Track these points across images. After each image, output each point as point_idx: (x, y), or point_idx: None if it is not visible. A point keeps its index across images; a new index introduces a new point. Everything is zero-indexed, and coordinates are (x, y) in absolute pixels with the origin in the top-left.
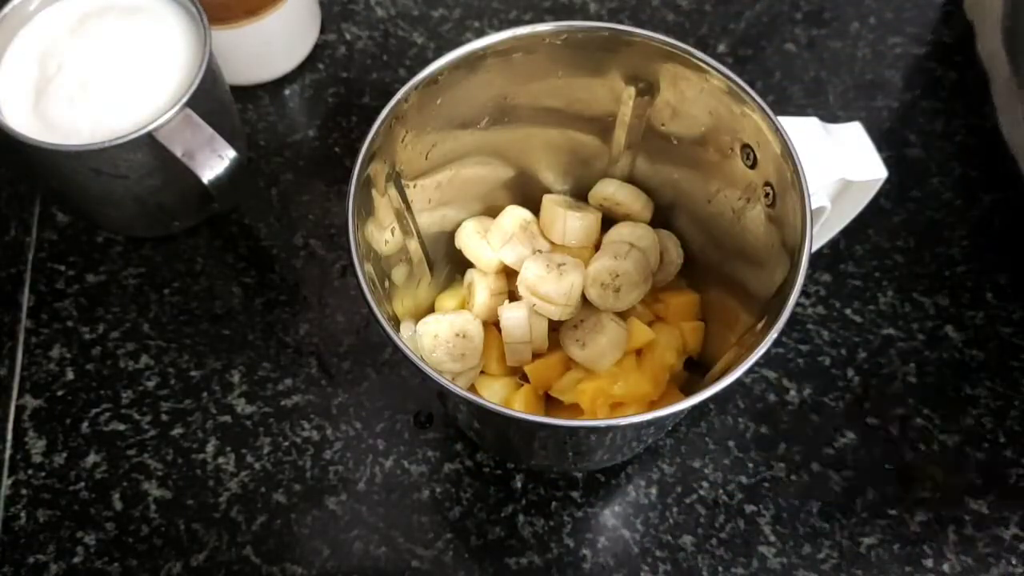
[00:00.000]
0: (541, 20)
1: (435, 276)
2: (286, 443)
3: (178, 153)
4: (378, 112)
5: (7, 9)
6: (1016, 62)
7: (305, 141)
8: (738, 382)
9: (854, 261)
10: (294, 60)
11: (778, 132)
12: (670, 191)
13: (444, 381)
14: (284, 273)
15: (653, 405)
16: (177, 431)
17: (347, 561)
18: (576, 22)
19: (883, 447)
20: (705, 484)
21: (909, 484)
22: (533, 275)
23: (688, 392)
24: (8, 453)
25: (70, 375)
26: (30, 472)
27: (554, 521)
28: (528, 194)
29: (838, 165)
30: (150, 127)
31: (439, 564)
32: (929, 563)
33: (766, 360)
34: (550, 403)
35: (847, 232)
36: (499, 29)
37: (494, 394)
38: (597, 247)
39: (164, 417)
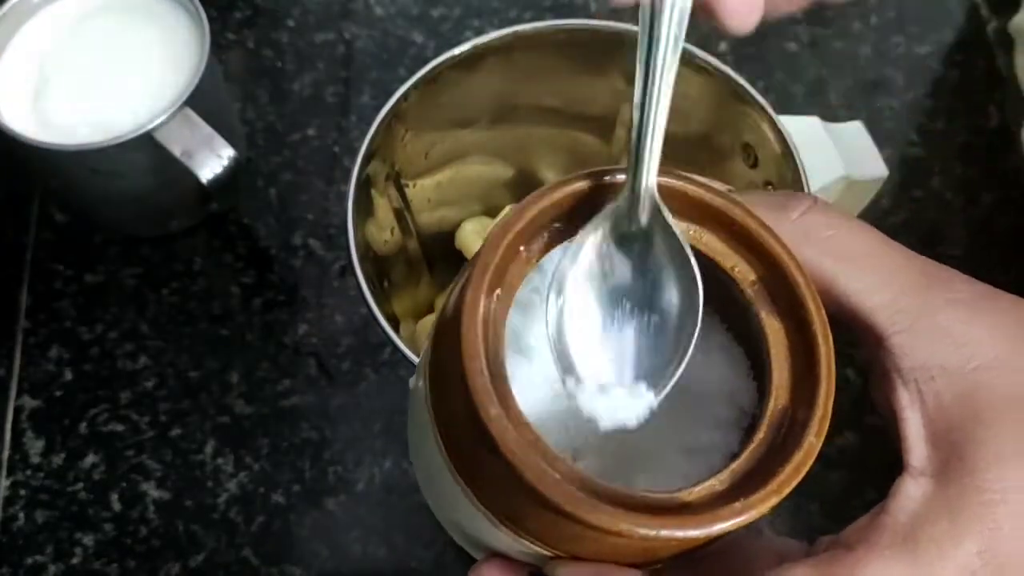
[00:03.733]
0: (541, 19)
1: (435, 276)
2: (285, 444)
3: (177, 153)
4: (377, 111)
5: (6, 8)
6: None
7: (304, 140)
8: None
9: None
10: None
11: (779, 131)
12: None
13: None
14: (283, 273)
15: None
16: (176, 432)
17: (346, 562)
18: (576, 20)
19: (884, 447)
20: None
21: None
22: None
23: None
24: (6, 454)
25: (68, 376)
26: (28, 473)
27: None
28: (528, 194)
29: (839, 164)
30: (149, 127)
31: (439, 565)
32: None
33: None
34: None
35: None
36: (499, 28)
37: None
38: None
39: (163, 418)
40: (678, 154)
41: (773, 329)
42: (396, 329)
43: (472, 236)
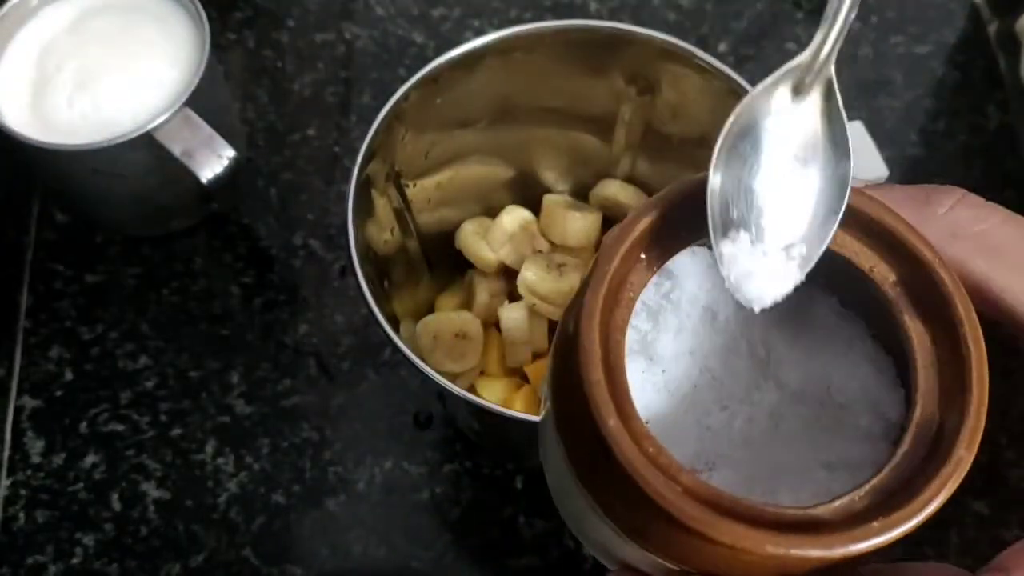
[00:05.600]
0: (541, 19)
1: (435, 276)
2: (285, 444)
3: (177, 153)
4: (378, 111)
5: (6, 8)
6: None
7: (304, 140)
8: None
9: None
10: None
11: None
12: None
13: (444, 382)
14: (283, 273)
15: None
16: (176, 431)
17: (346, 562)
18: (576, 21)
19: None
20: None
21: None
22: (533, 275)
23: None
24: (7, 454)
25: (69, 375)
26: (29, 473)
27: (554, 522)
28: (528, 194)
29: None
30: (149, 126)
31: (439, 566)
32: None
33: None
34: None
35: None
36: (499, 28)
37: (494, 394)
38: (597, 247)
39: (163, 418)
40: (678, 154)
41: (917, 333)
42: (396, 329)
43: (472, 236)
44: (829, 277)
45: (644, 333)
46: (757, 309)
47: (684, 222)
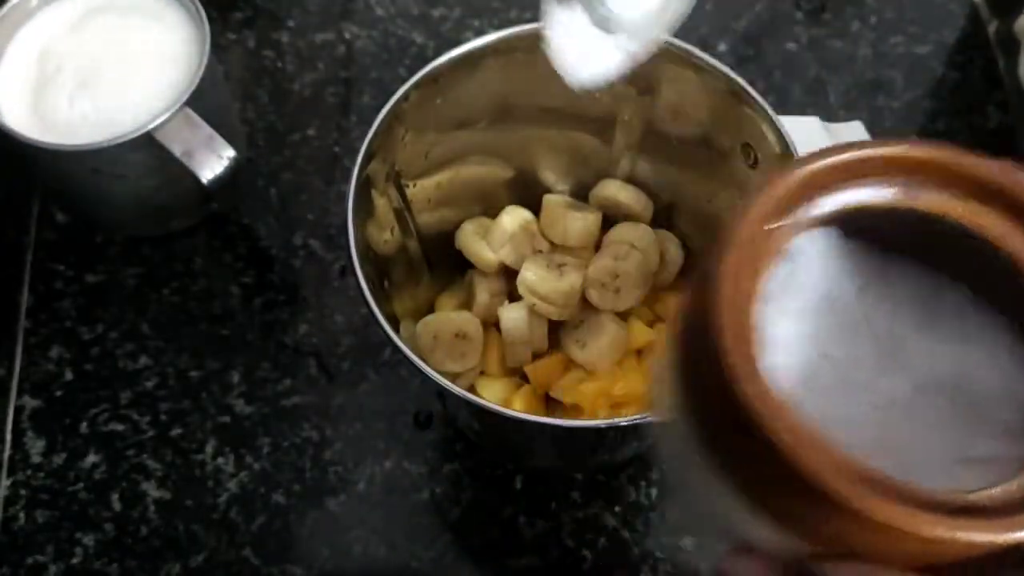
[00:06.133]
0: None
1: (435, 276)
2: (285, 443)
3: (177, 153)
4: (378, 112)
5: (7, 8)
6: None
7: (304, 140)
8: None
9: None
10: None
11: (779, 132)
12: (670, 191)
13: (444, 381)
14: (283, 273)
15: None
16: (176, 431)
17: (347, 562)
18: None
19: None
20: None
21: None
22: (533, 275)
23: None
24: (7, 453)
25: (69, 375)
26: (29, 472)
27: (554, 522)
28: (528, 194)
29: None
30: (149, 127)
31: (439, 565)
32: None
33: None
34: (550, 403)
35: None
36: (499, 28)
37: (494, 394)
38: (597, 247)
39: (163, 417)
40: (679, 154)
41: None
42: (396, 329)
43: (472, 236)
44: (959, 264)
45: (764, 316)
46: (571, 82)
47: (812, 195)
